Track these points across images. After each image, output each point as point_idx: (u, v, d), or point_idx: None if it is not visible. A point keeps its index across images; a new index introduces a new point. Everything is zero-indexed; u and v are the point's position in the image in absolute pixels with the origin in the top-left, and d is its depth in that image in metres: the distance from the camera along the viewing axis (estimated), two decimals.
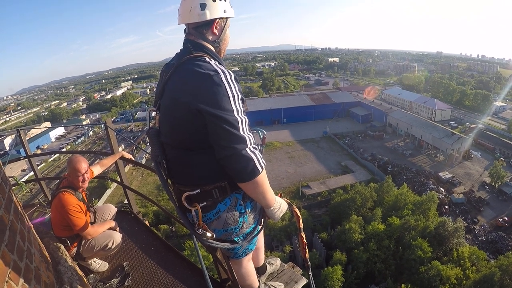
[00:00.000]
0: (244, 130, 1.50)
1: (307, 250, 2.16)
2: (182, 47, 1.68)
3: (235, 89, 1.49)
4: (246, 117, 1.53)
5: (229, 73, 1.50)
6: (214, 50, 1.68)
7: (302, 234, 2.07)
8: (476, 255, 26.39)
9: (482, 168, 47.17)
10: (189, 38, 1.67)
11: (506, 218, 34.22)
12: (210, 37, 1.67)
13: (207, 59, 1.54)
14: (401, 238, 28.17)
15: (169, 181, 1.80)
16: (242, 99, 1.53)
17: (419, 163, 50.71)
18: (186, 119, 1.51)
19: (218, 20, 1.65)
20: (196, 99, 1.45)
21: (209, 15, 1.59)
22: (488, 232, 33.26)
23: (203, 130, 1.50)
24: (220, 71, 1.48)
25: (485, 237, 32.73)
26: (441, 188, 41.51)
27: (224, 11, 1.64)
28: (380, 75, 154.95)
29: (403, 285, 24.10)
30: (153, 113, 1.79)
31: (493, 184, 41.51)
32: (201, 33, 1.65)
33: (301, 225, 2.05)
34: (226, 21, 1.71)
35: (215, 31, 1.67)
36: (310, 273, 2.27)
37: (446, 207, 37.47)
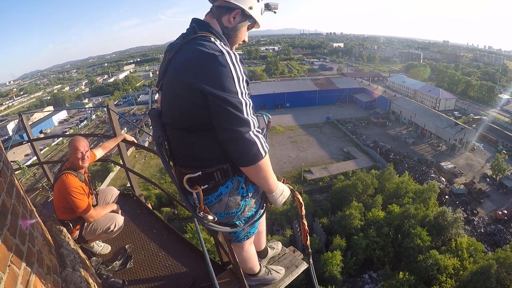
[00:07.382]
0: (248, 113, 1.47)
1: (308, 237, 2.16)
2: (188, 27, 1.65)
3: (240, 70, 1.45)
4: (250, 100, 1.50)
5: (234, 54, 1.46)
6: (221, 33, 1.64)
7: (304, 221, 2.06)
8: (474, 246, 26.53)
9: (484, 160, 46.80)
10: (197, 18, 1.65)
11: (506, 211, 34.21)
12: (225, 23, 1.64)
13: (212, 39, 1.50)
14: (400, 226, 28.37)
15: (171, 163, 1.78)
16: (246, 81, 1.50)
17: (421, 152, 50.49)
18: (189, 99, 1.48)
19: (239, 10, 1.63)
20: (199, 79, 1.41)
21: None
22: (487, 224, 33.32)
23: (205, 111, 1.47)
24: (225, 51, 1.44)
25: (483, 229, 32.79)
26: (442, 178, 41.47)
27: (250, 8, 1.63)
28: (385, 62, 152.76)
29: (401, 272, 24.39)
30: (156, 95, 1.76)
31: (494, 176, 41.36)
32: (219, 14, 1.63)
33: (303, 212, 2.04)
34: (247, 20, 1.69)
35: (232, 19, 1.64)
36: (311, 260, 2.29)
37: (447, 197, 37.55)
